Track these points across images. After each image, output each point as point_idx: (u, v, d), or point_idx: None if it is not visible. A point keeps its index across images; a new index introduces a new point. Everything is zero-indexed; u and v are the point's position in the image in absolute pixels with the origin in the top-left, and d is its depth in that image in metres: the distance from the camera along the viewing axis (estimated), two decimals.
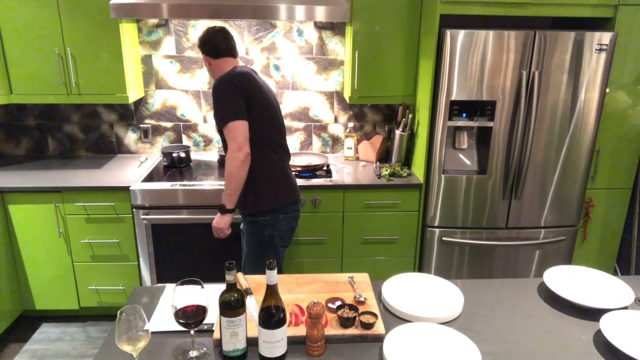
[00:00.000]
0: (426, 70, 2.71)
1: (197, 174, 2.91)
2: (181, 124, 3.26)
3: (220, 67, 2.21)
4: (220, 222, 2.17)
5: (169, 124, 3.26)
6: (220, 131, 2.12)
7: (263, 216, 2.20)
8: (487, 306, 1.60)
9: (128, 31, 2.87)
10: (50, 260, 2.81)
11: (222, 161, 3.05)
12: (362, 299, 1.56)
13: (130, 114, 3.22)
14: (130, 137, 3.27)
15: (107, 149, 3.29)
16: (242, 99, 2.06)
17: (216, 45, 2.18)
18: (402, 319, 1.51)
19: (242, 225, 2.34)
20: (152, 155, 3.27)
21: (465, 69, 2.53)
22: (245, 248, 2.31)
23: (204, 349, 1.37)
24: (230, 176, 2.07)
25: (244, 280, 1.64)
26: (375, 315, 1.44)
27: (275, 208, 2.21)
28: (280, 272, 2.31)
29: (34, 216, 2.72)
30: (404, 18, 2.80)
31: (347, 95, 3.06)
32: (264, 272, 1.76)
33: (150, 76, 3.16)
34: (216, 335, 1.37)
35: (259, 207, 2.19)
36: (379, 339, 1.40)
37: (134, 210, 2.71)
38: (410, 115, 2.98)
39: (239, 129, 2.04)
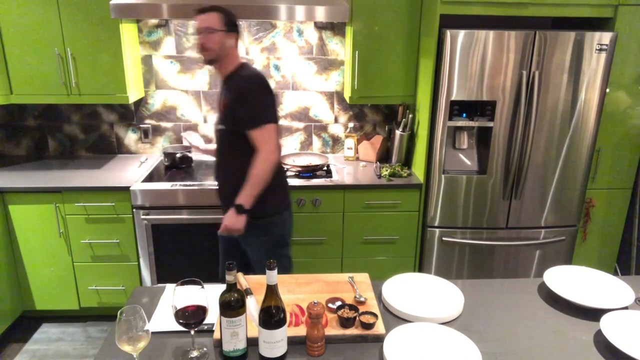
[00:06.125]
0: (426, 70, 2.72)
1: (197, 174, 2.91)
2: (181, 124, 3.26)
3: (236, 54, 2.15)
4: (238, 223, 2.08)
5: (169, 124, 3.26)
6: (232, 131, 2.06)
7: (272, 216, 2.19)
8: (487, 306, 1.60)
9: (128, 31, 2.87)
10: (51, 261, 2.81)
11: None
12: (362, 299, 1.56)
13: (131, 114, 3.22)
14: (131, 138, 3.27)
15: (107, 149, 3.29)
16: (273, 101, 2.08)
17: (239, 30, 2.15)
18: (402, 319, 1.51)
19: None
20: (152, 156, 3.27)
21: (465, 69, 2.53)
22: (255, 252, 2.25)
23: (204, 349, 1.37)
24: (258, 178, 2.04)
25: (244, 280, 1.64)
26: (375, 315, 1.44)
27: (286, 207, 2.23)
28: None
29: (34, 216, 2.72)
30: (404, 18, 2.80)
31: (347, 95, 3.06)
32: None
33: (150, 76, 3.16)
34: (216, 335, 1.37)
35: (276, 207, 2.18)
36: (379, 339, 1.40)
37: (134, 210, 2.71)
38: (410, 115, 2.98)
39: (274, 132, 2.05)
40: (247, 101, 2.03)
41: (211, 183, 2.74)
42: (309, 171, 2.90)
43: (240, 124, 2.05)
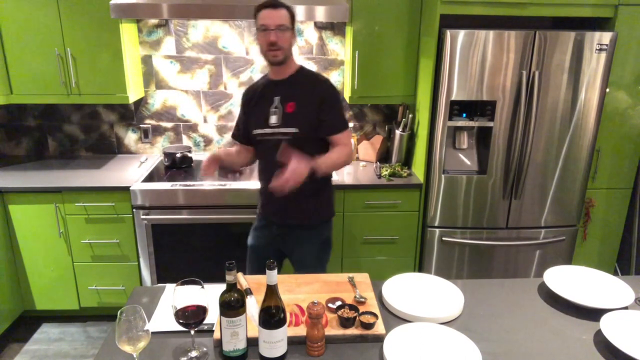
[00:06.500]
0: (426, 70, 2.71)
1: (197, 174, 2.91)
2: (181, 124, 3.26)
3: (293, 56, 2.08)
4: (301, 177, 1.82)
5: (169, 124, 3.26)
6: (304, 134, 1.99)
7: (326, 222, 2.20)
8: (487, 306, 1.60)
9: (128, 31, 2.87)
10: (51, 260, 2.81)
11: None
12: (362, 299, 1.56)
13: (131, 114, 3.22)
14: (131, 137, 3.27)
15: (107, 149, 3.29)
16: None
17: None
18: (402, 319, 1.51)
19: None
20: (152, 156, 3.27)
21: (465, 69, 2.53)
22: (304, 257, 2.19)
23: (204, 349, 1.37)
24: (336, 166, 2.07)
25: (244, 280, 1.64)
26: (375, 315, 1.44)
27: (334, 213, 2.26)
28: None
29: (34, 216, 2.72)
30: (404, 18, 2.79)
31: (347, 95, 3.05)
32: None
33: (150, 76, 3.15)
34: (216, 335, 1.37)
35: (328, 213, 2.21)
36: (379, 339, 1.40)
37: (134, 210, 2.71)
38: (410, 115, 2.98)
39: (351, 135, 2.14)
40: (332, 105, 2.01)
41: (211, 183, 2.74)
42: None
43: (322, 127, 2.00)
